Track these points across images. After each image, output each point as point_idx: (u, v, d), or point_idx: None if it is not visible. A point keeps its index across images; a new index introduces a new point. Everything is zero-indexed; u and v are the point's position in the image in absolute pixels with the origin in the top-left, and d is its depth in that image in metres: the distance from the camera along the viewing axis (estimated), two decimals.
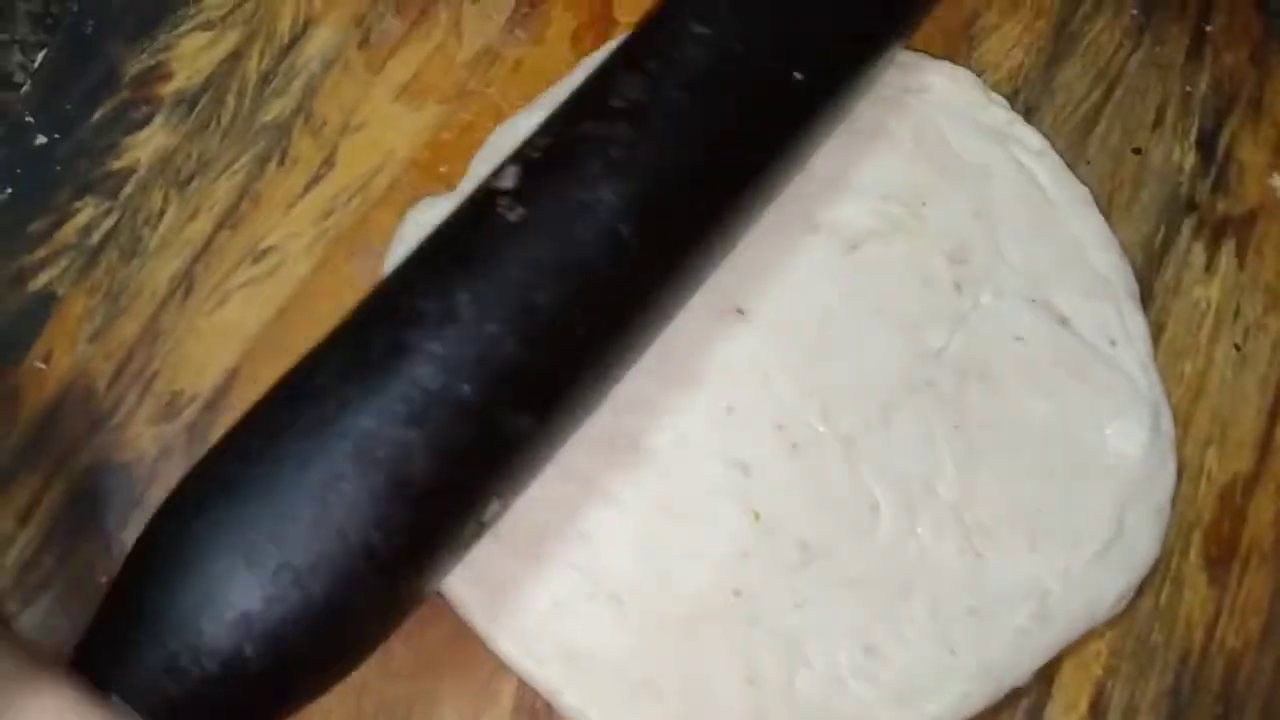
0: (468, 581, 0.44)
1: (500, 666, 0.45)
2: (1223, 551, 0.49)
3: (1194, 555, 0.49)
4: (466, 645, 0.46)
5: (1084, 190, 0.53)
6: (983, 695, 0.45)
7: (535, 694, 0.45)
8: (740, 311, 0.49)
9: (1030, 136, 0.54)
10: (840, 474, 0.47)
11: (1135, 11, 0.58)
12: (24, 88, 0.54)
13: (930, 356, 0.49)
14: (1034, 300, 0.50)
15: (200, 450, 0.47)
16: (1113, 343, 0.50)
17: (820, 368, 0.48)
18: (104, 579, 0.46)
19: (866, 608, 0.45)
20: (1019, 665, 0.45)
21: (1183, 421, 0.51)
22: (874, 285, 0.50)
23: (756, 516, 0.46)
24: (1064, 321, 0.50)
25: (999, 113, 0.54)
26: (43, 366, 0.49)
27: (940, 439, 0.47)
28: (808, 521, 0.46)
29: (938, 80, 0.54)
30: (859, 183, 0.51)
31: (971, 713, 0.45)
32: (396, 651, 0.46)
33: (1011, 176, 0.52)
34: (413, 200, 0.52)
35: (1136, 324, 0.50)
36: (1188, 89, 0.57)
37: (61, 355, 0.49)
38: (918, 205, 0.51)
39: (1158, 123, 0.56)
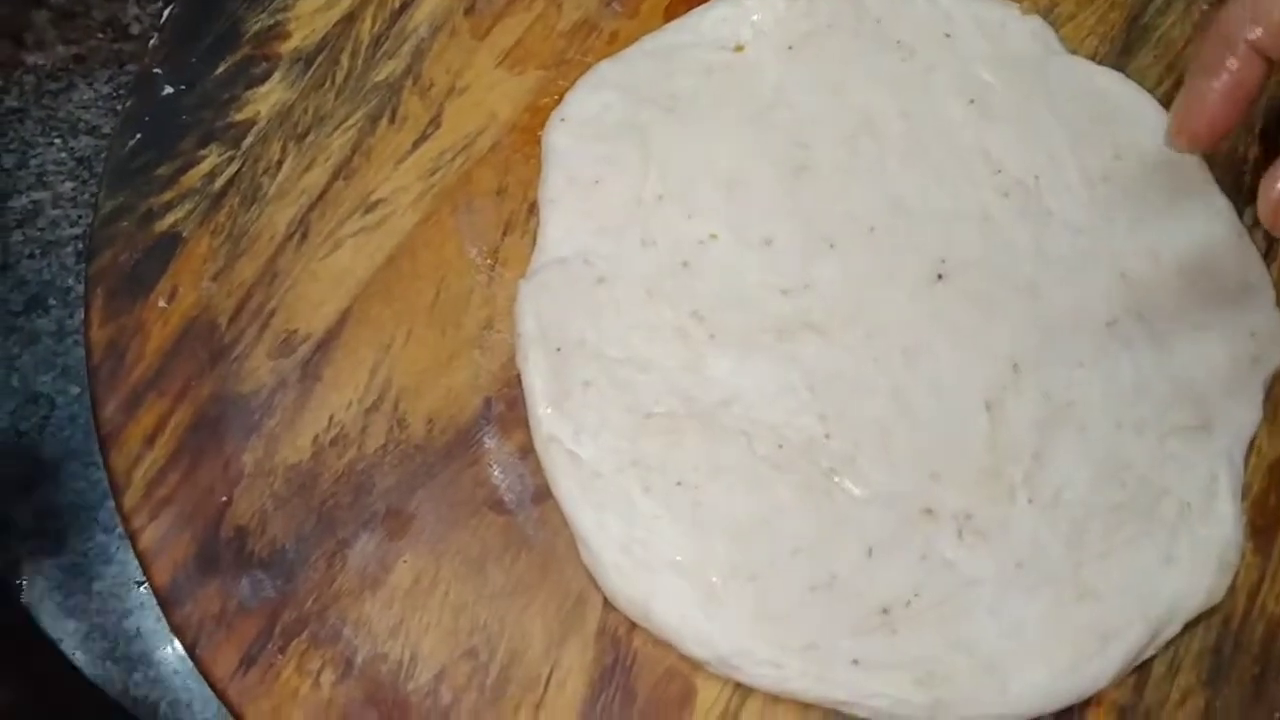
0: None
1: (585, 592, 0.49)
2: (1268, 522, 0.51)
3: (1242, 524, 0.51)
4: (555, 573, 0.49)
5: None
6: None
7: (616, 621, 0.48)
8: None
9: None
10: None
11: (1206, 6, 0.60)
12: (151, 41, 0.58)
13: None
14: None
15: (312, 385, 0.51)
16: None
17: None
18: (223, 498, 0.50)
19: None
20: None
21: None
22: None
23: None
24: None
25: None
26: (164, 306, 0.53)
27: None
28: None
29: None
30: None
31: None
32: (491, 576, 0.49)
33: None
34: (511, 161, 0.55)
35: None
36: None
37: (186, 292, 0.53)
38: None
39: None
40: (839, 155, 0.55)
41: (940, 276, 0.53)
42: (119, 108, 0.65)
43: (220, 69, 0.57)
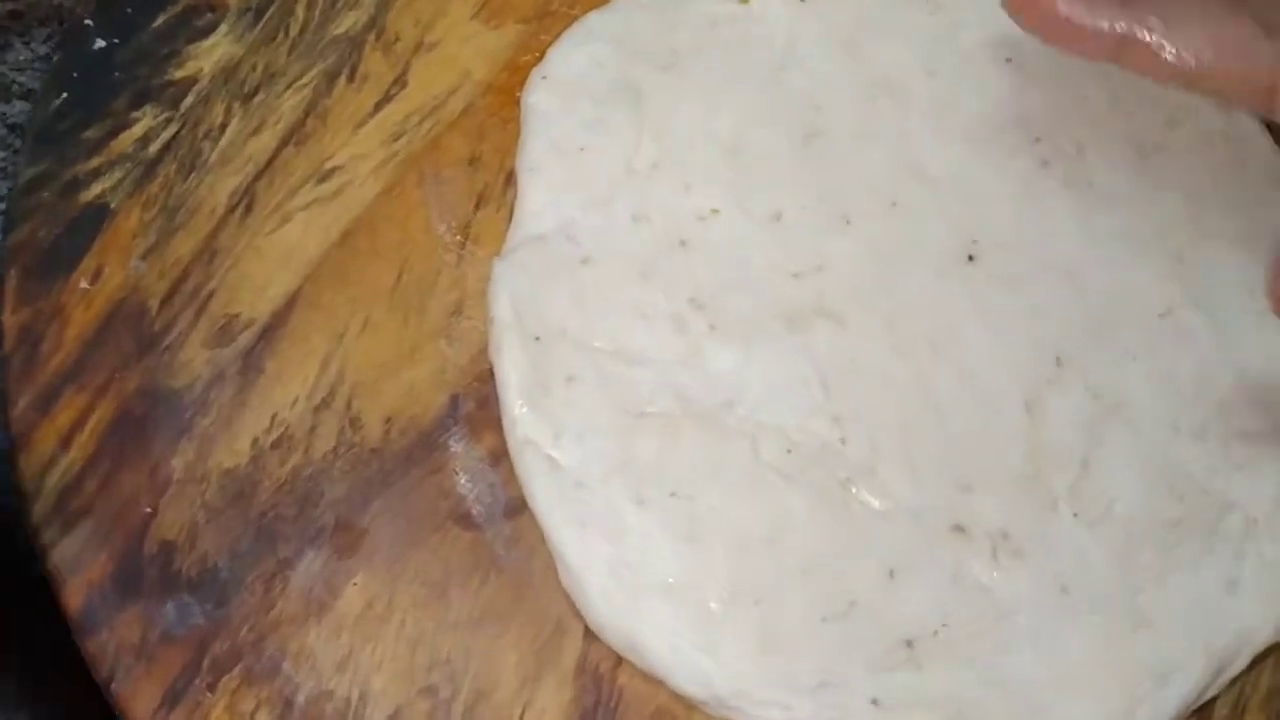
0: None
1: (564, 621, 0.45)
2: None
3: None
4: (530, 598, 0.45)
5: None
6: None
7: (599, 654, 0.44)
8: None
9: None
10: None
11: None
12: None
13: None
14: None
15: (254, 378, 0.47)
16: None
17: None
18: (147, 509, 0.45)
19: None
20: None
21: None
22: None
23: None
24: None
25: None
26: (87, 287, 0.49)
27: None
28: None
29: None
30: None
31: None
32: (455, 601, 0.45)
33: None
34: (486, 126, 0.51)
35: None
36: None
37: (113, 272, 0.49)
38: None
39: None
40: (856, 120, 0.51)
41: (971, 257, 0.49)
42: None
43: (159, 20, 0.53)
